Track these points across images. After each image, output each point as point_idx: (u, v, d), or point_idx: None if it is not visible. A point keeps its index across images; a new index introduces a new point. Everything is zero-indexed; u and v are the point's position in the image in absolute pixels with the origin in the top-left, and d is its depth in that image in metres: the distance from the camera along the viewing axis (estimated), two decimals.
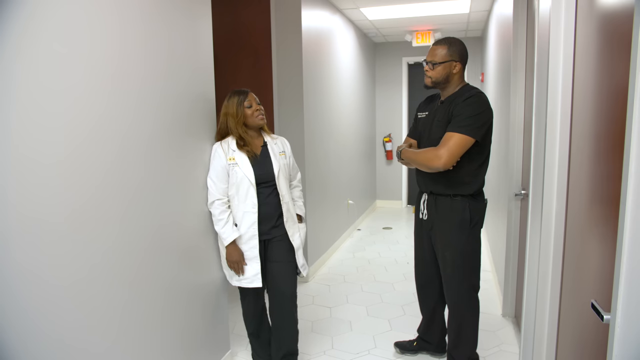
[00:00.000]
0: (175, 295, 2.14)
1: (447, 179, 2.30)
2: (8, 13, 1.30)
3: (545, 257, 1.82)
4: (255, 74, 3.95)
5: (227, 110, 2.34)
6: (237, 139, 2.34)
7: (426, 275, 2.59)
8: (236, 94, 2.34)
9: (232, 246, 2.33)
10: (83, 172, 1.57)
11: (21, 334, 1.37)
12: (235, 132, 2.33)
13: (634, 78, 0.93)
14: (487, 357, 2.72)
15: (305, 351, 2.79)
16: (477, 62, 6.67)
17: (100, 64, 1.65)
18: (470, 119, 2.16)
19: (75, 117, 1.54)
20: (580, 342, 1.53)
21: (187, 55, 2.22)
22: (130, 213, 1.81)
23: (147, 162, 1.92)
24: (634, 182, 0.94)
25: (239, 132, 2.33)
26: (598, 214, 1.37)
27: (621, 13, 1.22)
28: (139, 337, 1.89)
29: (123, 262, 1.78)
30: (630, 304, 0.97)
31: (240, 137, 2.33)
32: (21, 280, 1.36)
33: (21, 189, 1.35)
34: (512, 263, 3.15)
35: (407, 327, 3.13)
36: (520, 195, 2.96)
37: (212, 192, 2.33)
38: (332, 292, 3.84)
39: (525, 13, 2.90)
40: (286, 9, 3.85)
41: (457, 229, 2.32)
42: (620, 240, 0.98)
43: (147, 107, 1.92)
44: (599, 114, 1.39)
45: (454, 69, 2.30)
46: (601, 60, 1.38)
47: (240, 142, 2.33)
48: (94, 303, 1.63)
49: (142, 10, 1.88)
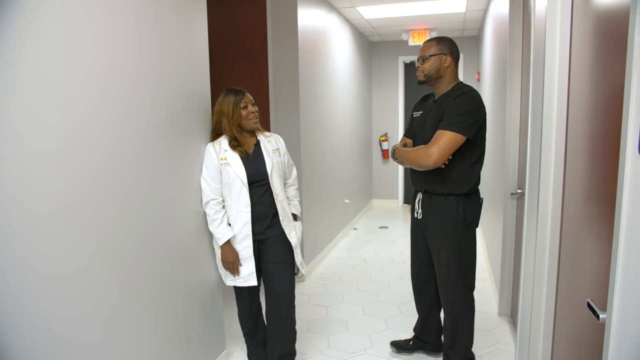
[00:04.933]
0: (170, 294, 2.13)
1: (440, 177, 2.31)
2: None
3: (541, 256, 1.83)
4: (251, 72, 3.94)
5: (222, 109, 2.31)
6: (231, 139, 2.32)
7: (422, 275, 2.59)
8: (232, 93, 2.30)
9: (226, 246, 2.32)
10: (75, 168, 1.57)
11: (17, 327, 1.37)
12: (230, 132, 2.31)
13: (629, 78, 0.93)
14: (483, 356, 2.72)
15: (301, 350, 2.79)
16: (473, 61, 6.68)
17: (93, 62, 1.64)
18: (460, 117, 2.16)
19: (69, 113, 1.54)
20: (576, 341, 1.54)
21: (182, 53, 2.21)
22: (123, 209, 1.80)
23: (141, 160, 1.91)
24: (630, 181, 0.94)
25: (233, 133, 2.31)
26: (594, 213, 1.38)
27: (617, 13, 1.22)
28: (134, 337, 1.88)
29: (116, 259, 1.76)
30: (626, 303, 0.97)
31: (234, 138, 2.32)
32: (16, 270, 1.36)
33: (16, 182, 1.35)
34: (508, 262, 3.16)
35: (403, 326, 3.13)
36: (516, 194, 2.97)
37: (206, 193, 2.32)
38: (328, 291, 3.84)
39: (521, 12, 2.91)
40: (282, 7, 3.84)
41: (451, 228, 2.32)
42: (616, 240, 0.98)
43: (142, 106, 1.91)
44: (595, 113, 1.39)
45: (444, 63, 2.30)
46: (597, 59, 1.38)
47: (233, 142, 2.32)
48: (87, 301, 1.62)
49: (137, 8, 1.87)
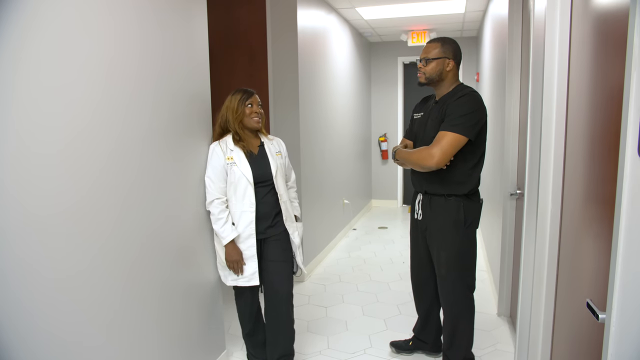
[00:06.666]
0: (170, 294, 2.13)
1: (441, 178, 2.31)
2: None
3: (541, 256, 1.83)
4: (251, 73, 3.94)
5: (229, 104, 2.37)
6: (233, 134, 2.36)
7: (422, 275, 2.59)
8: (241, 91, 2.38)
9: (231, 245, 2.33)
10: (76, 170, 1.57)
11: (19, 329, 1.37)
12: (232, 126, 2.36)
13: (629, 78, 0.93)
14: (483, 357, 2.72)
15: (300, 351, 2.79)
16: (472, 62, 6.68)
17: (94, 63, 1.64)
18: (462, 118, 2.17)
19: (71, 115, 1.54)
20: (575, 341, 1.54)
21: (182, 54, 2.21)
22: (125, 211, 1.80)
23: (142, 161, 1.91)
24: (629, 182, 0.94)
25: (235, 128, 2.35)
26: (593, 213, 1.38)
27: (616, 13, 1.22)
28: (135, 338, 1.88)
29: (118, 262, 1.77)
30: (625, 303, 0.97)
31: (236, 132, 2.36)
32: (17, 273, 1.36)
33: (16, 185, 1.35)
34: (507, 262, 3.16)
35: (402, 326, 3.13)
36: (515, 195, 2.97)
37: (211, 192, 2.33)
38: (327, 291, 3.84)
39: (521, 13, 2.91)
40: (282, 8, 3.84)
41: (452, 229, 2.32)
42: (615, 240, 0.98)
43: (142, 107, 1.91)
44: (594, 114, 1.39)
45: (447, 67, 2.30)
46: (596, 60, 1.39)
47: (236, 136, 2.36)
48: (90, 304, 1.62)
49: (137, 9, 1.87)
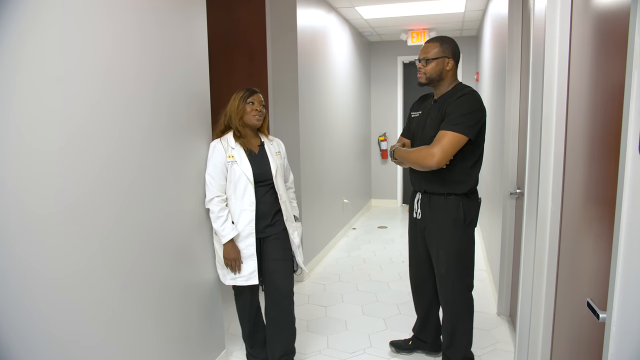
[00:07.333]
0: (169, 293, 2.13)
1: (440, 177, 2.31)
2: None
3: (541, 255, 1.83)
4: (250, 72, 3.94)
5: (232, 101, 2.39)
6: (234, 130, 2.38)
7: (421, 275, 2.59)
8: (245, 89, 2.39)
9: (229, 243, 2.33)
10: (76, 168, 1.56)
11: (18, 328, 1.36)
12: (234, 123, 2.37)
13: (629, 78, 0.93)
14: (482, 356, 2.72)
15: (300, 350, 2.79)
16: (472, 61, 6.68)
17: (93, 63, 1.63)
18: (463, 117, 2.17)
19: (70, 113, 1.53)
20: (575, 340, 1.54)
21: (182, 53, 2.21)
22: (124, 210, 1.80)
23: (142, 160, 1.91)
24: (630, 181, 0.94)
25: (236, 124, 2.36)
26: (593, 213, 1.38)
27: (616, 13, 1.22)
28: (134, 338, 1.87)
29: (117, 260, 1.76)
30: (626, 303, 0.97)
31: (237, 129, 2.37)
32: (17, 271, 1.36)
33: (17, 182, 1.35)
34: (507, 262, 3.16)
35: (402, 326, 3.13)
36: (515, 194, 2.97)
37: (211, 189, 2.33)
38: (327, 291, 3.84)
39: (521, 12, 2.91)
40: (281, 7, 3.84)
41: (451, 228, 2.32)
42: (616, 239, 0.98)
43: (142, 106, 1.91)
44: (594, 113, 1.39)
45: (446, 66, 2.31)
46: (597, 60, 1.38)
47: (236, 132, 2.37)
48: (89, 303, 1.62)
49: (137, 8, 1.87)
